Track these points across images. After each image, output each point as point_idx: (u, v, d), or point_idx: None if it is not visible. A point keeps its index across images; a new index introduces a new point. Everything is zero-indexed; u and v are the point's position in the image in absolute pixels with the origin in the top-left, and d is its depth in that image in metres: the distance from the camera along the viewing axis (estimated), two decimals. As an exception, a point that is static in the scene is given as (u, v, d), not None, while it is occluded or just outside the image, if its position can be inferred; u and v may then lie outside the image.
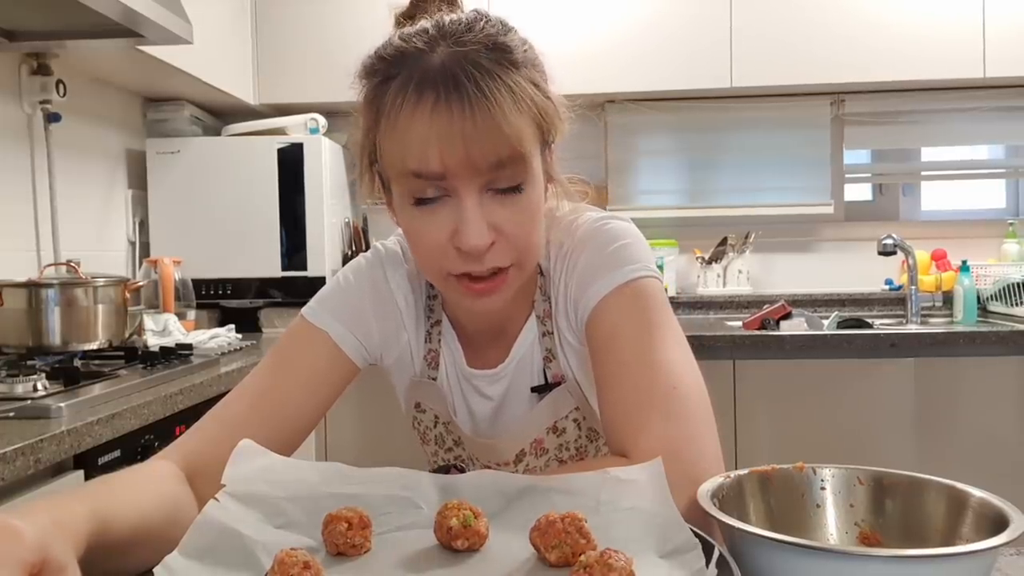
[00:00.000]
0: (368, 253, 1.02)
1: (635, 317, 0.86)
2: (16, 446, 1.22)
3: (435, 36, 0.78)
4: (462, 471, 0.95)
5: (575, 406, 0.96)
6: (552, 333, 0.96)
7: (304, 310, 0.97)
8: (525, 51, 0.81)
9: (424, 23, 0.80)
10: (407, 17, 0.86)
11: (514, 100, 0.77)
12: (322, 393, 0.93)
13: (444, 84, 0.75)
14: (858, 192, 3.43)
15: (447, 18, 0.80)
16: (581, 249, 0.92)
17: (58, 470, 1.38)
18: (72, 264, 2.11)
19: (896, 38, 2.88)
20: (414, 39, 0.79)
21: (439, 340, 1.00)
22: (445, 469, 0.99)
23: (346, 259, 2.99)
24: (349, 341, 0.95)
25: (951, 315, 3.01)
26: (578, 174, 0.93)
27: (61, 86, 2.30)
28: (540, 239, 0.86)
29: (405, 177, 0.79)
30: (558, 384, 0.96)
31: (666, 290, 0.93)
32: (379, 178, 0.86)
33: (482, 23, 0.80)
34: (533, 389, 0.97)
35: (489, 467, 1.00)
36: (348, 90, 0.84)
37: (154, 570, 0.60)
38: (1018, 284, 2.87)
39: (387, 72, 0.79)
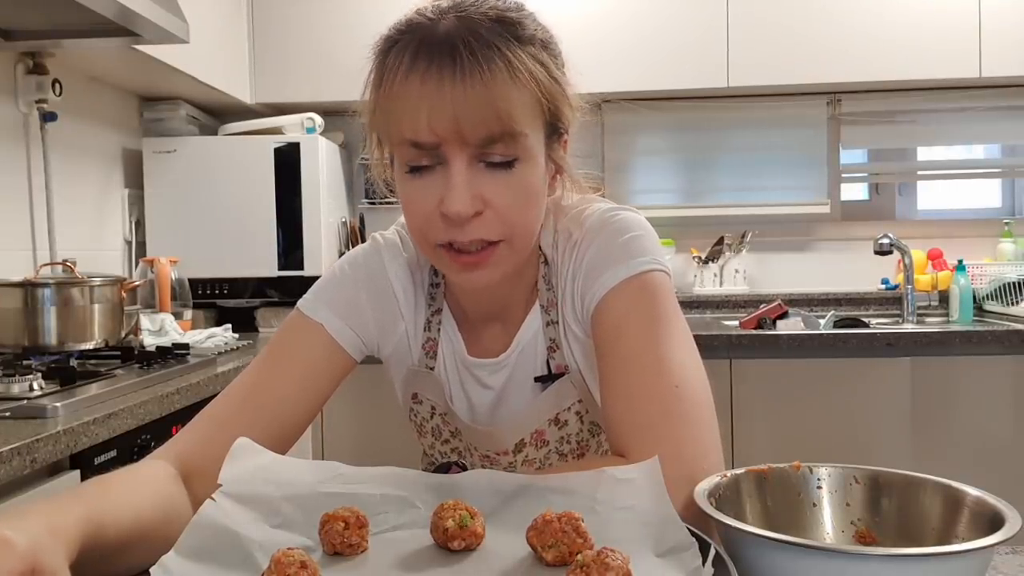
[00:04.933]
0: (366, 243, 1.01)
1: (642, 311, 0.85)
2: (12, 446, 1.22)
3: (446, 8, 0.78)
4: (463, 468, 0.95)
5: (578, 398, 0.95)
6: (557, 323, 0.95)
7: (300, 303, 0.96)
8: (536, 31, 0.81)
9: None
10: None
11: (511, 74, 0.76)
12: (318, 387, 0.93)
13: (439, 51, 0.75)
14: (854, 191, 3.43)
15: None
16: (590, 240, 0.91)
17: (54, 470, 1.38)
18: (68, 263, 2.11)
19: (892, 38, 2.88)
20: (425, 10, 0.79)
21: (438, 329, 0.99)
22: (446, 467, 0.98)
23: (343, 258, 2.98)
24: (345, 334, 0.94)
25: (947, 314, 3.01)
26: (590, 172, 0.92)
27: (57, 85, 2.30)
28: (536, 221, 0.85)
29: (402, 146, 0.79)
30: (561, 375, 0.95)
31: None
32: (386, 154, 0.86)
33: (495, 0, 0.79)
34: (536, 379, 0.96)
35: (488, 457, 1.00)
36: (345, 89, 0.84)
37: (150, 570, 0.60)
38: (1014, 283, 2.88)
39: (394, 40, 0.80)
